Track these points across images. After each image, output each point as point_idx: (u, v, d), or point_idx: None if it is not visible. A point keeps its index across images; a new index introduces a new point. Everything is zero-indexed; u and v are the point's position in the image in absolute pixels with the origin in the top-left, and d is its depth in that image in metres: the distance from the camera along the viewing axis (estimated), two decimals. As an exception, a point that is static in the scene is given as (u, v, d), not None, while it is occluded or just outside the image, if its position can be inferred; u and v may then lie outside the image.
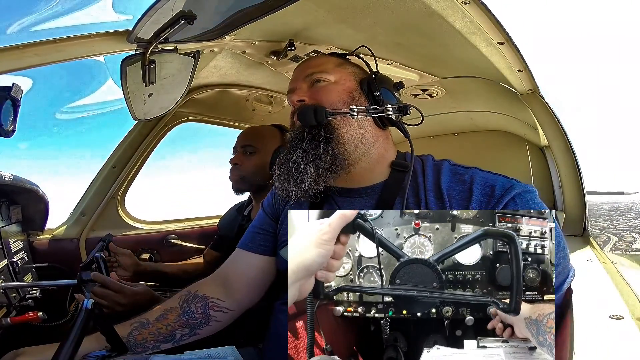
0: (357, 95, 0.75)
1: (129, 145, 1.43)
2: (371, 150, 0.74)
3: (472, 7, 0.77)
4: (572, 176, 1.22)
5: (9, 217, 1.14)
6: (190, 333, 0.77)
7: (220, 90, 1.41)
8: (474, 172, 0.69)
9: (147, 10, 0.71)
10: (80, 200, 1.45)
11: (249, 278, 0.83)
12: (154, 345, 0.73)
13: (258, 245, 0.84)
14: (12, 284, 1.00)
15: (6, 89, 0.66)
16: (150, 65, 0.88)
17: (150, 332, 0.74)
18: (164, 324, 0.75)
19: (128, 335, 0.71)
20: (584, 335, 0.52)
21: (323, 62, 0.80)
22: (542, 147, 1.59)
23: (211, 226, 1.74)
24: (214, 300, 0.80)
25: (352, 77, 0.78)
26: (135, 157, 1.45)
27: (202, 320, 0.78)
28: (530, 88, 1.17)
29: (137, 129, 1.43)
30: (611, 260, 0.94)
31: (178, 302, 0.78)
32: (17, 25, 2.58)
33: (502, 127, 1.65)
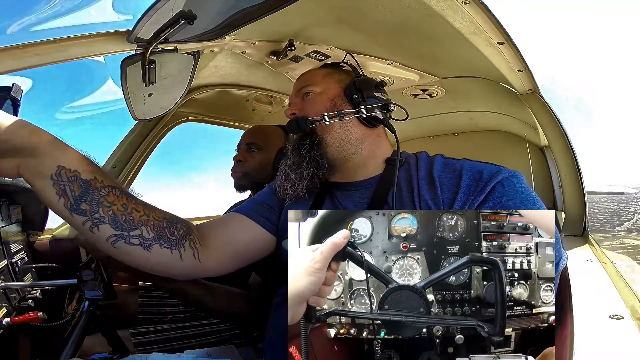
0: (340, 102, 0.81)
1: (129, 145, 1.43)
2: (360, 148, 0.80)
3: (472, 7, 0.77)
4: (572, 176, 1.22)
5: (9, 217, 1.14)
6: (147, 242, 0.62)
7: (220, 90, 1.41)
8: (464, 162, 0.75)
9: (147, 10, 0.71)
10: (80, 200, 1.45)
11: (229, 241, 0.76)
12: (102, 216, 0.58)
13: (260, 216, 0.81)
14: (12, 284, 1.00)
15: (6, 89, 0.66)
16: (150, 65, 0.88)
17: (125, 204, 0.60)
18: (146, 212, 0.63)
19: (102, 187, 0.58)
20: (584, 335, 0.52)
21: (312, 75, 0.87)
22: (542, 147, 1.59)
23: (211, 226, 1.74)
24: (195, 237, 0.71)
25: (338, 84, 0.83)
26: (135, 157, 1.45)
27: (174, 241, 0.66)
28: (530, 88, 1.17)
29: (137, 129, 1.43)
30: (611, 260, 0.94)
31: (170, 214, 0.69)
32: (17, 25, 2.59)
33: (502, 127, 1.65)
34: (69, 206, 0.55)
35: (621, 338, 0.51)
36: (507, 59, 0.98)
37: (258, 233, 0.81)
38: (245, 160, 1.28)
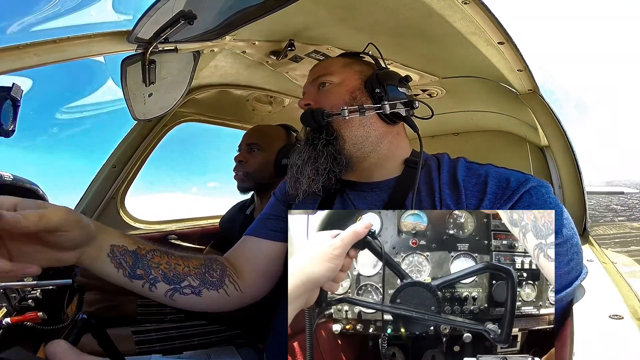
0: (359, 95, 0.76)
1: (129, 145, 1.43)
2: (379, 147, 0.76)
3: (472, 7, 0.77)
4: (572, 176, 1.22)
5: (9, 217, 1.13)
6: (197, 289, 0.70)
7: (220, 90, 1.41)
8: (488, 167, 0.70)
9: (147, 10, 0.71)
10: (80, 200, 1.45)
11: (258, 264, 0.79)
12: (155, 276, 0.65)
13: (268, 231, 0.81)
14: (12, 283, 1.00)
15: (6, 89, 0.66)
16: (150, 66, 0.88)
17: (169, 261, 0.68)
18: (185, 263, 0.70)
19: (149, 250, 0.65)
20: (584, 335, 0.52)
21: (330, 64, 0.81)
22: (542, 147, 1.59)
23: (211, 226, 1.74)
24: (230, 271, 0.75)
25: (358, 75, 0.78)
26: (135, 157, 1.45)
27: (216, 282, 0.72)
28: (530, 88, 1.17)
29: (137, 129, 1.43)
30: (611, 260, 0.94)
31: (203, 256, 0.74)
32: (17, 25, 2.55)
33: (502, 127, 1.65)
34: (127, 275, 0.62)
35: (621, 338, 0.51)
36: (507, 59, 0.98)
37: (271, 248, 0.80)
38: (246, 160, 1.28)
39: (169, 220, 1.70)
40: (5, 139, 0.68)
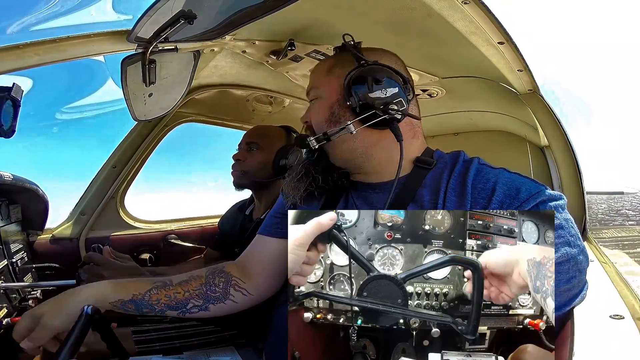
0: (337, 109, 0.70)
1: (129, 146, 1.43)
2: (372, 156, 0.71)
3: (472, 7, 0.77)
4: (572, 176, 1.22)
5: (8, 217, 1.14)
6: (202, 306, 0.75)
7: (220, 91, 1.41)
8: (500, 172, 0.66)
9: (147, 10, 0.71)
10: (80, 199, 1.45)
11: (267, 263, 0.81)
12: (161, 309, 0.72)
13: (275, 229, 0.83)
14: (13, 284, 1.00)
15: (6, 89, 0.66)
16: (150, 65, 0.88)
17: (167, 294, 0.72)
18: (184, 289, 0.74)
19: (144, 293, 0.71)
20: (584, 335, 0.52)
21: (316, 73, 0.78)
22: (542, 147, 1.59)
23: (211, 226, 1.74)
24: (236, 279, 0.78)
25: (338, 81, 0.71)
26: (135, 157, 1.45)
27: (220, 295, 0.76)
28: (530, 88, 1.17)
29: (137, 129, 1.43)
30: (611, 260, 0.94)
31: (205, 272, 0.78)
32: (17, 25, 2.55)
33: (502, 127, 1.65)
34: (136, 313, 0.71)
35: (621, 338, 0.51)
36: (507, 59, 0.98)
37: (278, 245, 0.81)
38: (245, 159, 1.29)
39: (168, 219, 1.70)
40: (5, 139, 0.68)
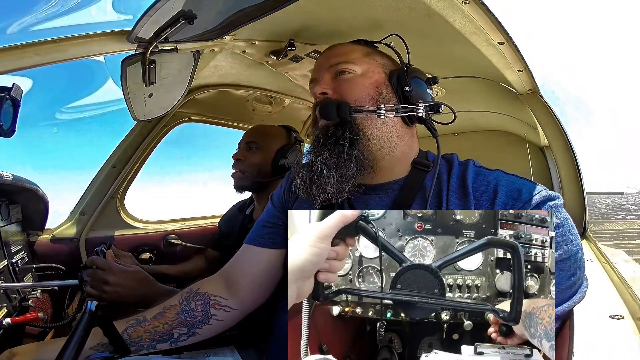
0: (385, 90, 0.70)
1: (129, 145, 1.43)
2: (395, 149, 0.71)
3: (472, 7, 0.77)
4: (572, 176, 1.22)
5: (8, 217, 1.14)
6: (189, 333, 0.73)
7: (220, 91, 1.41)
8: (498, 174, 0.67)
9: (147, 10, 0.71)
10: (80, 199, 1.45)
11: (254, 275, 0.78)
12: (149, 344, 0.70)
13: (266, 239, 0.79)
14: (13, 284, 1.00)
15: (6, 89, 0.66)
16: (150, 65, 0.88)
17: (146, 329, 0.70)
18: (162, 322, 0.72)
19: (123, 332, 0.68)
20: (584, 335, 0.52)
21: (349, 50, 0.73)
22: (542, 147, 1.59)
23: (211, 226, 1.74)
24: (215, 298, 0.76)
25: (381, 69, 0.72)
26: (135, 157, 1.45)
27: (201, 319, 0.74)
28: (530, 88, 1.17)
29: (137, 129, 1.43)
30: (611, 260, 0.94)
31: (178, 300, 0.75)
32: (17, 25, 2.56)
33: (502, 127, 1.65)
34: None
35: (621, 338, 0.51)
36: (507, 59, 0.98)
37: (271, 255, 0.79)
38: (245, 158, 1.28)
39: (168, 220, 1.70)
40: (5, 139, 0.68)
